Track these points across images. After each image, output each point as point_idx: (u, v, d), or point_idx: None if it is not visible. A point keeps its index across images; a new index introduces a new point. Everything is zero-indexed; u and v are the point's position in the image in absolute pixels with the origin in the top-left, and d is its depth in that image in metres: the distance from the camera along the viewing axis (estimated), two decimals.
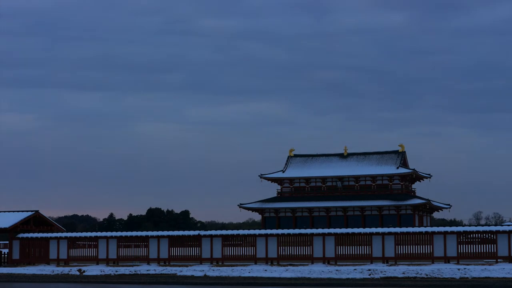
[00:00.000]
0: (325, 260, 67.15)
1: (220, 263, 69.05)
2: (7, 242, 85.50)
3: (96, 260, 72.86)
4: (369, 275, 56.85)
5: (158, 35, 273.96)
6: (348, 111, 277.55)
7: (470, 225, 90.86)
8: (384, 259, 66.04)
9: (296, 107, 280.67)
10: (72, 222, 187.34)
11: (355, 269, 59.07)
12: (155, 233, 72.89)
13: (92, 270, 66.23)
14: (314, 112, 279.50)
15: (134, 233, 73.63)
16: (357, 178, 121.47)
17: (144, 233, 72.99)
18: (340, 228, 75.67)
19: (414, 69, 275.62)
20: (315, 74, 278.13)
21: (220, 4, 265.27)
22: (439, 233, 65.13)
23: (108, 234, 74.56)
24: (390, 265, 62.69)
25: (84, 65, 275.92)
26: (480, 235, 65.48)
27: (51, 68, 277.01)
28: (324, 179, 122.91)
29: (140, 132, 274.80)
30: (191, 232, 72.28)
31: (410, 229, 66.63)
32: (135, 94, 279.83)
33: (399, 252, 66.00)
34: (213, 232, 71.56)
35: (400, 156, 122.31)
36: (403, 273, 56.89)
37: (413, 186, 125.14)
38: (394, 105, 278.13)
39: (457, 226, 70.44)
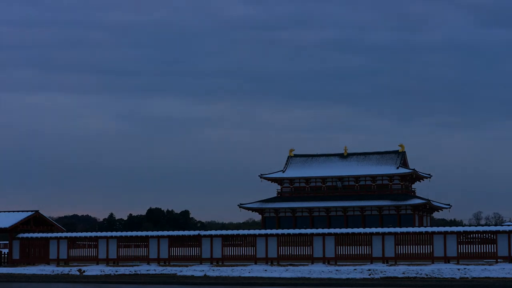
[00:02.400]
0: (325, 260, 67.15)
1: (220, 263, 69.05)
2: (7, 242, 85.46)
3: (96, 260, 72.85)
4: (369, 275, 56.88)
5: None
6: (349, 111, 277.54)
7: (470, 225, 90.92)
8: (384, 259, 66.03)
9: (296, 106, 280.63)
10: (72, 222, 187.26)
11: (355, 269, 59.09)
12: (155, 233, 72.89)
13: (92, 270, 66.25)
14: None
15: (134, 233, 73.63)
16: (357, 178, 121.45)
17: (144, 233, 72.99)
18: (340, 228, 75.71)
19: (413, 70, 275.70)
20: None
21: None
22: (439, 233, 65.13)
23: (108, 234, 74.56)
24: (390, 265, 62.70)
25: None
26: (480, 235, 65.48)
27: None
28: (324, 179, 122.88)
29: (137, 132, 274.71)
30: (191, 232, 72.29)
31: (410, 229, 66.64)
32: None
33: (399, 252, 66.00)
34: (213, 232, 71.57)
35: (400, 156, 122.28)
36: (403, 273, 56.92)
37: (413, 186, 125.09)
38: (394, 105, 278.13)
39: (457, 226, 70.47)
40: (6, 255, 77.02)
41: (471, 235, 65.98)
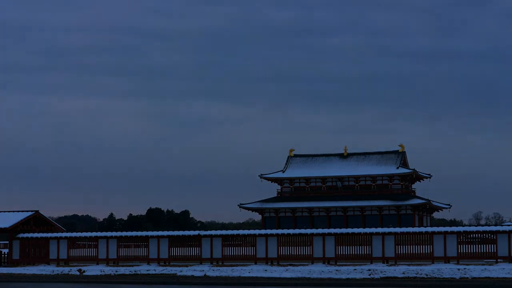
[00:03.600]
0: (325, 260, 67.14)
1: (220, 263, 69.04)
2: (7, 242, 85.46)
3: (96, 260, 72.84)
4: (369, 275, 56.88)
5: None
6: (349, 112, 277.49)
7: (470, 225, 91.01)
8: (384, 259, 66.02)
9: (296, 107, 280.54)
10: (72, 222, 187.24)
11: (355, 269, 59.08)
12: (155, 233, 72.88)
13: (92, 270, 66.25)
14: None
15: (134, 233, 73.61)
16: (357, 178, 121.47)
17: (144, 233, 72.97)
18: (340, 228, 75.73)
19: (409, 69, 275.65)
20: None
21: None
22: (439, 233, 65.12)
23: (108, 234, 74.55)
24: (390, 265, 62.69)
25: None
26: (480, 235, 65.46)
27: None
28: (324, 179, 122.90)
29: (138, 132, 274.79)
30: (191, 232, 72.28)
31: (410, 229, 66.62)
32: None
33: (399, 252, 65.99)
34: (213, 232, 71.56)
35: (400, 156, 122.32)
36: (403, 273, 56.92)
37: (413, 186, 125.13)
38: (394, 105, 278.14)
39: (457, 226, 70.44)
40: (6, 255, 77.01)
41: (471, 235, 65.97)
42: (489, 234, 64.82)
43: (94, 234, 74.73)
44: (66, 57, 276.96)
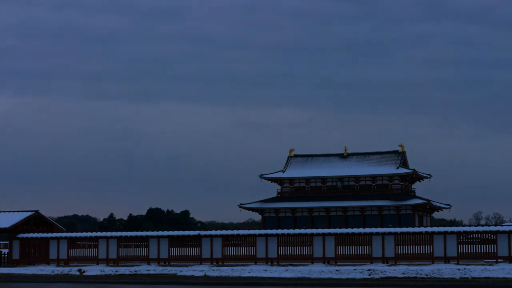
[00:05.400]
0: (325, 260, 67.13)
1: (220, 263, 69.04)
2: (7, 242, 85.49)
3: (96, 260, 72.84)
4: (369, 275, 56.87)
5: None
6: (349, 112, 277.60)
7: (470, 225, 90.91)
8: (384, 259, 66.02)
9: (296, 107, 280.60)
10: (72, 222, 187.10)
11: (355, 269, 59.07)
12: (155, 233, 72.87)
13: (92, 270, 66.24)
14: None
15: (134, 233, 73.60)
16: (357, 178, 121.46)
17: (144, 233, 72.96)
18: (340, 228, 75.73)
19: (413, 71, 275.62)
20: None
21: None
22: (439, 233, 65.11)
23: (108, 234, 74.53)
24: (390, 265, 62.68)
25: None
26: (480, 235, 65.43)
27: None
28: (324, 179, 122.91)
29: (139, 132, 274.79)
30: (191, 232, 72.27)
31: (410, 229, 66.60)
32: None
33: (399, 252, 65.98)
34: (213, 232, 71.55)
35: (400, 156, 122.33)
36: (403, 273, 56.90)
37: (413, 186, 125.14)
38: (394, 105, 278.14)
39: (457, 226, 70.41)
40: (6, 255, 77.01)
41: (471, 235, 65.94)
42: (489, 234, 64.81)
43: (94, 234, 74.71)
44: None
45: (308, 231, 69.31)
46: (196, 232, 71.98)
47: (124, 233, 74.35)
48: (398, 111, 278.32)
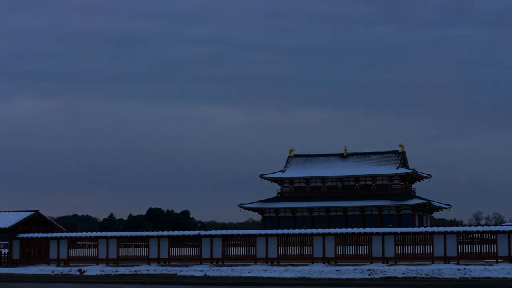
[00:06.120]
0: (325, 260, 67.12)
1: (220, 263, 69.02)
2: (7, 242, 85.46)
3: (96, 260, 72.82)
4: (369, 275, 56.86)
5: None
6: (348, 111, 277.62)
7: (470, 225, 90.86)
8: (384, 259, 66.00)
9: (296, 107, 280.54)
10: (72, 222, 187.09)
11: (355, 269, 59.06)
12: (155, 233, 72.86)
13: (92, 270, 66.23)
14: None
15: (134, 233, 73.59)
16: (357, 178, 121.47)
17: (144, 233, 72.95)
18: (340, 228, 75.73)
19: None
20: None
21: None
22: (439, 233, 65.10)
23: (108, 234, 74.51)
24: (390, 265, 62.67)
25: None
26: (480, 235, 65.41)
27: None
28: (324, 179, 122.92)
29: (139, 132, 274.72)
30: (191, 232, 72.26)
31: (410, 229, 66.59)
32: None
33: (399, 252, 65.97)
34: (213, 232, 71.54)
35: (400, 156, 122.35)
36: (403, 273, 56.90)
37: (413, 186, 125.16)
38: (394, 104, 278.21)
39: (457, 226, 70.41)
40: (6, 255, 77.00)
41: (471, 235, 65.92)
42: (489, 234, 64.79)
43: (94, 234, 74.69)
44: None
45: (308, 231, 69.29)
46: (196, 232, 71.97)
47: (124, 233, 74.34)
48: (398, 111, 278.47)
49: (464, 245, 64.82)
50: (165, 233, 72.59)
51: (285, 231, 70.18)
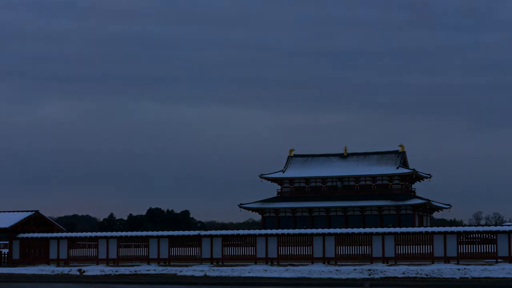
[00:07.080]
0: (325, 260, 67.14)
1: (220, 263, 69.04)
2: (7, 242, 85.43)
3: (96, 260, 72.84)
4: (369, 275, 56.85)
5: None
6: (348, 111, 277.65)
7: (470, 225, 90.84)
8: (384, 259, 66.02)
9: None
10: (72, 222, 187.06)
11: (355, 269, 59.05)
12: (155, 233, 72.88)
13: (92, 270, 66.23)
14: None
15: (134, 233, 73.62)
16: (357, 178, 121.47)
17: (144, 233, 72.98)
18: (340, 228, 75.75)
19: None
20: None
21: None
22: (439, 233, 65.12)
23: (108, 234, 74.56)
24: (390, 265, 62.67)
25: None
26: (480, 235, 65.43)
27: None
28: (324, 179, 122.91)
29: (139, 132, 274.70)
30: (191, 232, 72.30)
31: (410, 229, 66.62)
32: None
33: (399, 252, 65.99)
34: (213, 232, 71.56)
35: (400, 156, 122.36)
36: (403, 273, 56.88)
37: (413, 186, 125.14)
38: (393, 104, 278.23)
39: (457, 226, 70.45)
40: (6, 255, 77.01)
41: (471, 235, 65.93)
42: (489, 234, 64.81)
43: (94, 234, 74.73)
44: None
45: (308, 231, 69.32)
46: (196, 232, 72.00)
47: (124, 233, 74.38)
48: (399, 111, 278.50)
49: (464, 245, 64.85)
50: (165, 233, 72.61)
51: (285, 231, 70.22)
